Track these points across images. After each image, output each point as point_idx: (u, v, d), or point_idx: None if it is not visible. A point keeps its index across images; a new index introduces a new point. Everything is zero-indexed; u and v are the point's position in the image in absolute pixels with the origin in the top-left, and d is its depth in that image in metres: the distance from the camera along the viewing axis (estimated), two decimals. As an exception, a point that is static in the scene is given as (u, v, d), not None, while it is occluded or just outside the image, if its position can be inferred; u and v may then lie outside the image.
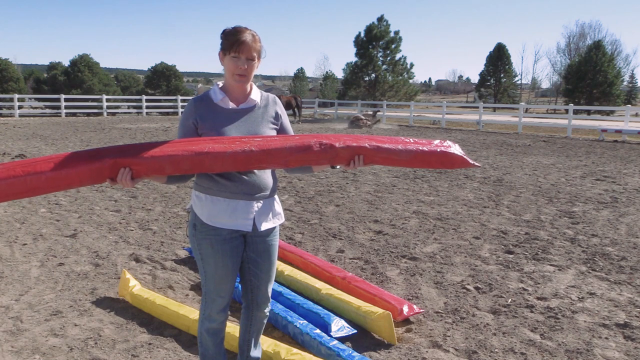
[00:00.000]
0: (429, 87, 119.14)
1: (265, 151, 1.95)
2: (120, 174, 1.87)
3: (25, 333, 3.08)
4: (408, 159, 2.07)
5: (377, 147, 2.05)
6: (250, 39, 2.04)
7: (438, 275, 4.14)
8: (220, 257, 2.15)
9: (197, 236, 2.16)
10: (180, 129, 2.14)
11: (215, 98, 2.12)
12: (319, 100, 35.57)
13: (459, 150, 2.17)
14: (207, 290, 2.24)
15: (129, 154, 1.89)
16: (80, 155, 1.86)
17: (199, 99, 2.14)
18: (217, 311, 2.25)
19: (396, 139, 2.12)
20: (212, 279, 2.19)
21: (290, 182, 8.33)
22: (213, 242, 2.14)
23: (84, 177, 1.84)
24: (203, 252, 2.17)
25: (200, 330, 2.32)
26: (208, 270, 2.19)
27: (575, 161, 11.57)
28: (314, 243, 5.02)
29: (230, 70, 2.07)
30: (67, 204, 6.57)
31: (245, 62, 2.05)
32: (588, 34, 52.34)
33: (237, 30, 2.05)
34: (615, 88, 38.10)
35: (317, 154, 2.00)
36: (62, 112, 26.42)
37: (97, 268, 4.22)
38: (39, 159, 1.82)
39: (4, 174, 1.76)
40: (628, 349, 2.97)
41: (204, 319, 2.28)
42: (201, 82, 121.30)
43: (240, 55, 2.03)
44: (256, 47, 2.07)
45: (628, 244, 5.02)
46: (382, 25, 34.71)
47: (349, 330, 3.02)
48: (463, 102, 65.44)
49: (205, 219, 2.13)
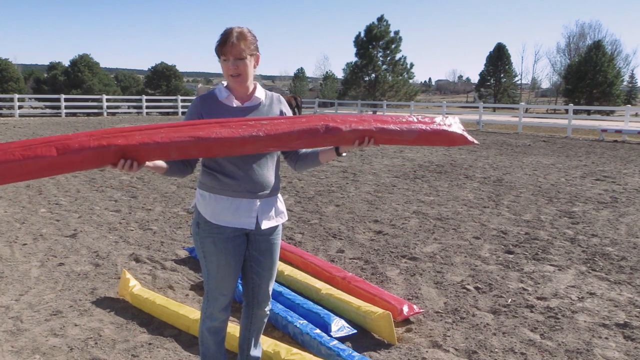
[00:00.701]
0: (429, 87, 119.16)
1: (272, 136, 1.93)
2: (123, 161, 1.79)
3: (25, 333, 3.08)
4: (412, 139, 2.12)
5: (382, 128, 2.08)
6: (235, 39, 2.01)
7: (438, 275, 4.14)
8: (223, 255, 2.16)
9: (200, 234, 2.17)
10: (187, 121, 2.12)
11: (221, 96, 2.13)
12: (319, 100, 35.59)
13: (459, 128, 2.22)
14: (209, 288, 2.24)
15: (134, 138, 1.81)
16: (81, 139, 1.76)
17: (204, 97, 2.15)
18: (219, 310, 2.25)
19: (400, 118, 2.14)
20: (214, 277, 2.20)
21: (290, 182, 8.33)
22: (216, 240, 2.14)
23: (86, 162, 1.77)
24: (206, 250, 2.17)
25: (201, 329, 2.33)
26: (211, 268, 2.19)
27: (575, 161, 11.57)
28: (314, 243, 5.02)
29: (225, 73, 2.09)
30: (67, 204, 6.57)
31: (234, 62, 2.03)
32: (588, 34, 52.40)
33: (224, 33, 2.04)
34: (615, 88, 38.12)
35: (324, 137, 2.01)
36: (62, 112, 26.42)
37: (97, 268, 4.23)
38: (37, 141, 1.73)
39: (1, 157, 1.67)
40: (628, 349, 2.97)
41: (206, 318, 2.29)
42: (201, 82, 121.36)
43: (228, 57, 2.03)
44: (244, 45, 2.02)
45: (628, 244, 5.02)
46: (382, 25, 34.71)
47: (349, 330, 3.02)
48: (463, 102, 65.43)
49: (208, 217, 2.13)
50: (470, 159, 11.75)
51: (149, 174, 8.98)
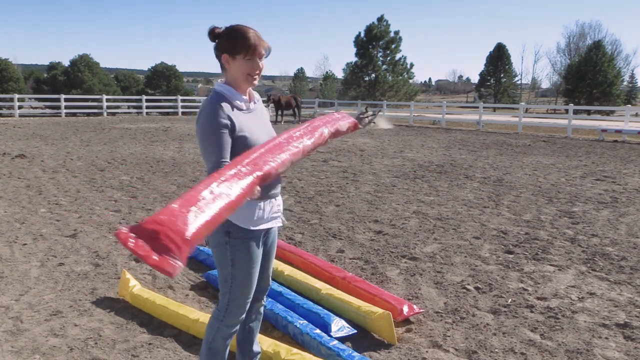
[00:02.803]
0: (429, 87, 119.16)
1: (306, 152, 2.07)
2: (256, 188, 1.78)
3: (25, 333, 3.08)
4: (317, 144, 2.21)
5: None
6: (257, 38, 2.04)
7: (438, 275, 4.14)
8: (255, 258, 2.16)
9: (231, 243, 2.09)
10: (215, 133, 1.96)
11: (233, 99, 2.07)
12: (319, 100, 35.58)
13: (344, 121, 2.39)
14: (234, 296, 2.16)
15: (267, 164, 1.82)
16: (228, 176, 1.70)
17: (220, 100, 2.03)
18: (240, 316, 2.22)
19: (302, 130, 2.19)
20: (241, 284, 2.15)
21: (290, 182, 8.33)
22: (249, 246, 2.12)
23: (243, 198, 1.72)
24: (237, 258, 2.11)
25: (214, 338, 2.23)
26: (238, 275, 2.13)
27: (575, 161, 11.57)
28: (314, 243, 5.02)
29: (245, 72, 2.05)
30: (67, 204, 6.57)
31: (259, 61, 2.06)
32: (588, 34, 52.44)
33: (244, 32, 2.02)
34: (615, 88, 38.15)
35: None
36: (62, 112, 26.42)
37: (97, 268, 4.22)
38: (208, 199, 1.59)
39: (201, 219, 1.53)
40: (628, 349, 2.97)
41: (222, 327, 2.20)
42: (201, 82, 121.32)
43: (253, 56, 2.03)
44: (264, 43, 2.06)
45: (628, 244, 5.02)
46: (382, 25, 34.73)
47: (349, 330, 3.02)
48: (463, 102, 65.44)
49: (243, 224, 2.08)
50: (470, 159, 11.75)
51: (148, 174, 8.99)
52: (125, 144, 13.71)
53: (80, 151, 12.07)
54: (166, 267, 1.40)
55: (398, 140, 16.32)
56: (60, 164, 10.06)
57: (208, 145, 1.97)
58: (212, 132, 1.96)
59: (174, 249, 1.43)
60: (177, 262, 1.42)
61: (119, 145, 13.37)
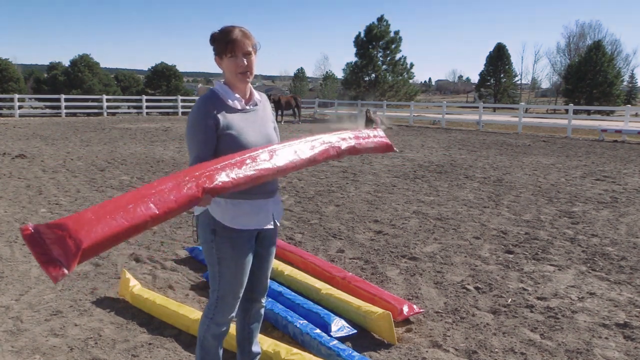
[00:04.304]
0: (429, 87, 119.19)
1: (305, 163, 2.08)
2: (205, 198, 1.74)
3: (26, 333, 3.08)
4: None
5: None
6: (240, 34, 2.03)
7: (438, 275, 4.14)
8: (241, 258, 2.15)
9: (216, 241, 2.12)
10: (199, 130, 2.01)
11: (225, 98, 2.08)
12: (319, 100, 35.57)
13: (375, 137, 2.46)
14: (222, 294, 2.18)
15: (214, 179, 1.75)
16: (172, 187, 1.68)
17: (211, 98, 2.07)
18: (230, 314, 2.23)
19: None
20: (229, 282, 2.16)
21: (290, 182, 8.33)
22: (234, 245, 2.12)
23: (180, 210, 1.68)
24: (222, 256, 2.13)
25: (204, 336, 2.26)
26: (226, 273, 2.15)
27: (575, 161, 11.57)
28: (314, 243, 5.02)
29: (232, 71, 2.05)
30: (67, 204, 6.57)
31: (244, 58, 2.04)
32: (588, 34, 52.44)
33: (226, 31, 2.04)
34: (615, 88, 38.13)
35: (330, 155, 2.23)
36: (62, 112, 26.41)
37: (97, 268, 4.22)
38: (130, 199, 1.59)
39: (108, 231, 1.51)
40: (628, 349, 2.97)
41: (212, 324, 2.23)
42: (201, 82, 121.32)
43: (236, 53, 2.03)
44: (249, 41, 2.05)
45: (628, 244, 5.02)
46: (382, 25, 34.69)
47: (349, 330, 3.02)
48: (463, 102, 65.45)
49: (228, 223, 2.09)
50: (470, 159, 11.75)
51: (149, 174, 8.99)
52: (126, 144, 13.72)
53: (81, 151, 12.07)
54: (50, 271, 1.42)
55: (398, 140, 16.31)
56: (61, 164, 10.06)
57: (189, 141, 2.04)
58: (195, 129, 2.02)
59: (65, 256, 1.43)
60: (64, 269, 1.43)
61: (119, 145, 13.37)
